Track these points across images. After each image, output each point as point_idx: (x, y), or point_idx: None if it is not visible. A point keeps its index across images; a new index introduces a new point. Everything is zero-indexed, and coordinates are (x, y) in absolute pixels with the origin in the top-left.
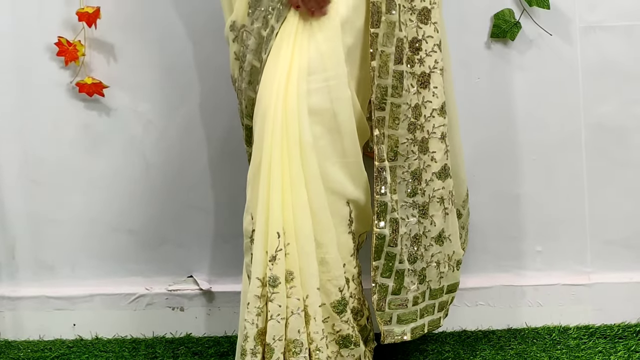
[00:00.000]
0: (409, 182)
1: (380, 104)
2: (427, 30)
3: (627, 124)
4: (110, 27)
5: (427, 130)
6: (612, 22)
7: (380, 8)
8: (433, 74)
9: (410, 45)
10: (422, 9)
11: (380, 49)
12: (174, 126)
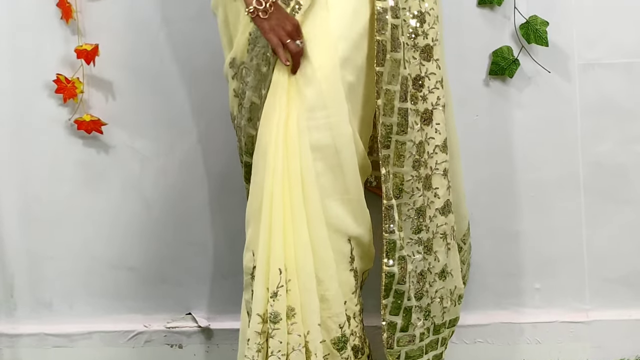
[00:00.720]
0: (414, 219)
1: (385, 142)
2: (429, 67)
3: (626, 162)
4: (108, 64)
5: (431, 167)
6: (611, 60)
7: (386, 47)
8: (435, 111)
9: (414, 83)
10: (425, 46)
11: (385, 88)
12: (173, 163)
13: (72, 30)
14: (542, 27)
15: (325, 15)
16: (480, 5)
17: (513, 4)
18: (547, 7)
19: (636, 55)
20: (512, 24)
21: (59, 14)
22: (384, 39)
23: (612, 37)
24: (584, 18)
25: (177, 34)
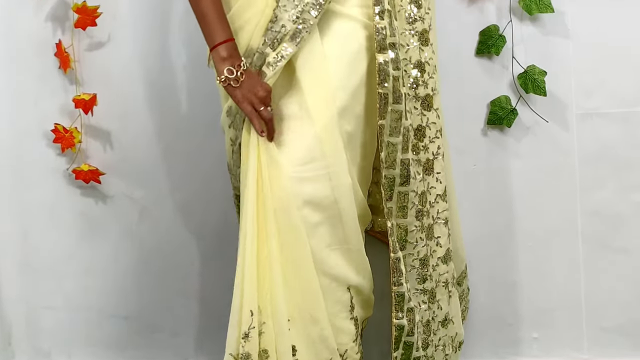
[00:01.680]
0: (418, 269)
1: (388, 194)
2: (430, 117)
3: (624, 211)
4: (107, 114)
5: (433, 216)
6: (609, 109)
7: (387, 99)
8: (436, 160)
9: (415, 133)
10: (426, 95)
11: (387, 140)
12: (170, 213)
13: (70, 79)
14: (540, 77)
15: (322, 65)
16: (478, 54)
17: (511, 53)
18: (545, 56)
19: (634, 104)
20: (510, 74)
21: (57, 63)
22: (385, 92)
23: (610, 86)
24: (581, 68)
25: (175, 84)
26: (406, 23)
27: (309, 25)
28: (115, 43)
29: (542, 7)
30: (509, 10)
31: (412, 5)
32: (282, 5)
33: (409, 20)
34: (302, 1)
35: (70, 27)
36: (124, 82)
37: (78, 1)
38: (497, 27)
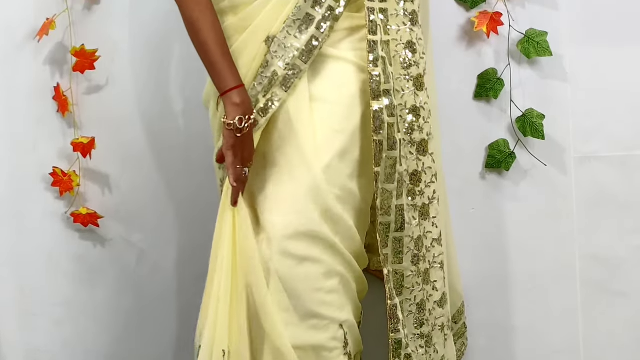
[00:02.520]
0: (415, 314)
1: (384, 241)
2: (426, 162)
3: (622, 255)
4: (105, 157)
5: (429, 261)
6: (607, 153)
7: (382, 146)
8: (432, 205)
9: (411, 178)
10: (421, 140)
11: (382, 187)
12: (169, 257)
13: (68, 123)
14: (538, 120)
15: (319, 110)
16: (476, 98)
17: (509, 97)
18: (544, 100)
19: (632, 148)
20: (509, 117)
21: (55, 107)
22: (380, 139)
23: (608, 130)
24: (580, 111)
25: (173, 127)
26: (401, 68)
27: (299, 71)
28: (113, 87)
29: (541, 51)
30: (507, 54)
31: (406, 51)
32: (273, 51)
33: (403, 66)
34: (293, 47)
35: (69, 70)
36: (123, 125)
37: (76, 45)
38: (495, 71)
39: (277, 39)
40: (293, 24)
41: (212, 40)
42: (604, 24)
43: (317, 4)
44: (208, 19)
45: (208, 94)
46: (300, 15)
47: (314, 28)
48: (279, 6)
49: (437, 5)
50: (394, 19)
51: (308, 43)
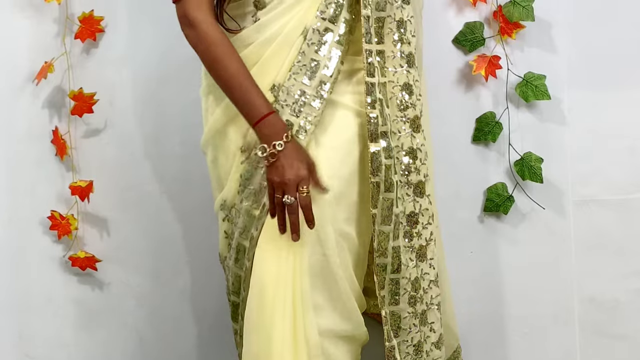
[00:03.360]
0: (412, 355)
1: (380, 283)
2: (422, 204)
3: (620, 298)
4: (103, 201)
5: (426, 302)
6: (605, 196)
7: (379, 188)
8: (428, 246)
9: (408, 220)
10: (418, 182)
11: (379, 229)
12: (167, 301)
13: (66, 166)
14: (536, 164)
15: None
16: (474, 141)
17: (508, 140)
18: (542, 144)
19: (630, 192)
20: (507, 161)
21: (53, 150)
22: (378, 181)
23: (606, 173)
24: (578, 155)
25: (171, 171)
26: (398, 110)
27: (313, 117)
28: (112, 130)
29: (539, 94)
30: (505, 97)
31: (403, 93)
32: (282, 100)
33: (400, 107)
34: (305, 94)
35: (67, 113)
36: (121, 169)
37: (75, 88)
38: (493, 114)
39: (284, 87)
40: (299, 71)
41: (234, 75)
42: (602, 67)
43: (321, 48)
44: (228, 56)
45: (206, 140)
46: (306, 61)
47: (321, 72)
48: (281, 51)
49: (435, 48)
50: (391, 60)
51: (318, 87)
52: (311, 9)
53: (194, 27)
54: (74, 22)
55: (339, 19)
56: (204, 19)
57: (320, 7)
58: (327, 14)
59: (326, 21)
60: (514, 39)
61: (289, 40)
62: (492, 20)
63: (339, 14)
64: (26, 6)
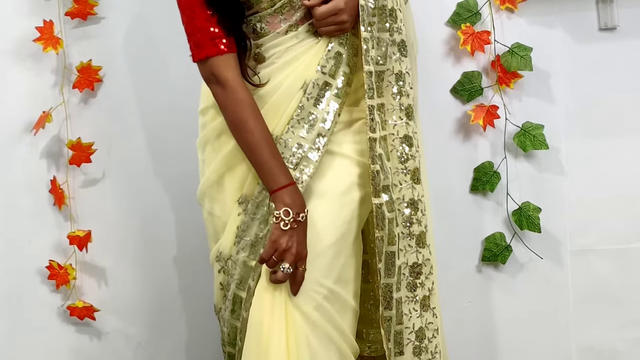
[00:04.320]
0: None
1: (387, 334)
2: (425, 254)
3: (619, 348)
4: (101, 250)
5: (431, 352)
6: (603, 246)
7: (383, 241)
8: (432, 296)
9: (411, 271)
10: (420, 233)
11: (383, 282)
12: (164, 351)
13: (64, 216)
14: (534, 214)
15: None
16: (473, 191)
17: (506, 190)
18: (540, 193)
19: (628, 241)
20: (505, 210)
21: (51, 200)
22: (382, 235)
23: (604, 223)
24: (576, 205)
25: (168, 221)
26: (398, 162)
27: (309, 169)
28: (109, 180)
29: (537, 144)
30: (503, 147)
31: (404, 145)
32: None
33: (400, 160)
34: (302, 147)
35: (65, 163)
36: (119, 219)
37: (73, 138)
38: (491, 164)
39: (282, 139)
40: (297, 124)
41: (260, 140)
42: (600, 117)
43: (319, 102)
44: (255, 119)
45: (202, 191)
46: (304, 114)
47: (319, 125)
48: (280, 104)
49: (434, 98)
50: (390, 113)
51: (316, 140)
52: (311, 64)
53: (223, 87)
54: (72, 72)
55: (338, 73)
56: (233, 78)
57: (321, 61)
58: (327, 68)
59: (326, 75)
60: (512, 88)
61: (289, 94)
62: (490, 70)
63: (339, 68)
64: (24, 56)
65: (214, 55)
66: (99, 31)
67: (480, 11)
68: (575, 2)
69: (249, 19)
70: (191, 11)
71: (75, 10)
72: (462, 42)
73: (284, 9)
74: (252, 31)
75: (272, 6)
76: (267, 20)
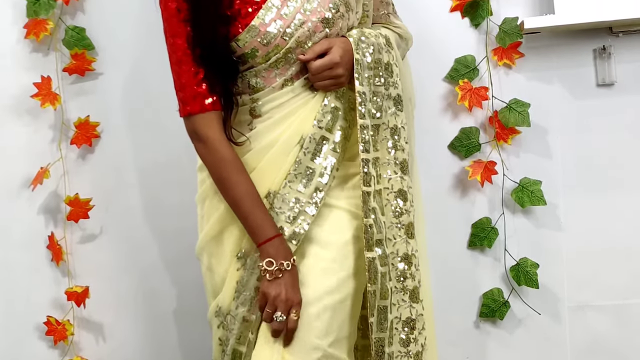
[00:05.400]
0: None
1: None
2: (418, 309)
3: None
4: (99, 306)
5: None
6: (601, 302)
7: (376, 295)
8: (424, 352)
9: (404, 326)
10: (413, 288)
11: (375, 337)
12: None
13: (62, 272)
14: (532, 270)
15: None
16: (470, 247)
17: (503, 246)
18: (538, 249)
19: (625, 297)
20: (503, 266)
21: (49, 256)
22: (374, 289)
23: (602, 279)
24: (573, 260)
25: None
26: (393, 217)
27: (307, 223)
28: (107, 236)
29: (535, 200)
30: (501, 203)
31: (398, 199)
32: (277, 208)
33: (395, 214)
34: (299, 202)
35: (63, 219)
36: (117, 274)
37: (70, 194)
38: (489, 220)
39: (279, 194)
40: (295, 179)
41: (243, 195)
42: (597, 173)
43: (317, 156)
44: (237, 175)
45: (201, 246)
46: (301, 169)
47: (317, 179)
48: (277, 160)
49: (431, 154)
50: (385, 167)
51: (313, 194)
52: (308, 119)
53: (205, 144)
54: (70, 128)
55: (335, 127)
56: (214, 136)
57: (317, 116)
58: (323, 122)
59: (323, 130)
60: (509, 144)
61: (286, 148)
62: (488, 126)
63: (336, 122)
64: (22, 112)
65: (196, 113)
66: (97, 87)
67: (478, 67)
68: (573, 58)
69: (244, 73)
70: (178, 67)
71: (73, 66)
72: (460, 98)
73: (279, 63)
74: (247, 86)
75: (267, 61)
76: (262, 75)
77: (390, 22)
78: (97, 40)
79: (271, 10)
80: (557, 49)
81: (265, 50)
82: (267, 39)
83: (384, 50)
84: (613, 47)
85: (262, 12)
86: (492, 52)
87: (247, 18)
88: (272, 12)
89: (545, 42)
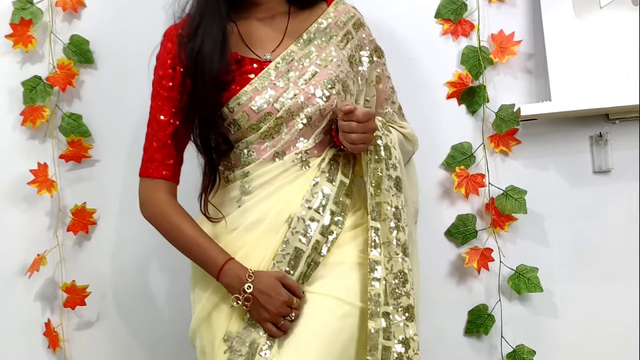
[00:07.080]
0: None
1: None
2: None
3: None
4: None
5: None
6: None
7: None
8: None
9: None
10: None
11: None
12: None
13: (59, 359)
14: (529, 357)
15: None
16: (467, 334)
17: (500, 333)
18: (534, 336)
19: None
20: (499, 353)
21: (46, 342)
22: (375, 327)
23: None
24: (570, 348)
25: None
26: (391, 298)
27: None
28: (104, 323)
29: (531, 287)
30: (497, 290)
31: (396, 281)
32: None
33: (394, 295)
34: None
35: (60, 306)
36: None
37: (67, 280)
38: (486, 307)
39: None
40: (283, 259)
41: (195, 235)
42: (594, 260)
43: (305, 236)
44: (185, 219)
45: (193, 330)
46: (289, 250)
47: (303, 263)
48: (265, 239)
49: (428, 240)
50: (387, 247)
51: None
52: (296, 197)
53: (146, 204)
54: (67, 215)
55: (325, 210)
56: (156, 196)
57: (305, 195)
58: (312, 203)
59: (311, 210)
60: (506, 231)
61: (274, 227)
62: (485, 213)
63: (326, 204)
64: (19, 199)
65: (147, 177)
66: (94, 174)
67: (474, 154)
68: (570, 145)
69: (237, 145)
70: (149, 128)
71: (70, 153)
72: (457, 185)
73: (271, 133)
74: (239, 158)
75: (258, 130)
76: (254, 146)
77: (395, 121)
78: (94, 127)
79: (266, 79)
80: (553, 136)
81: (256, 118)
82: (257, 105)
83: (381, 133)
84: (609, 133)
85: (256, 81)
86: (488, 139)
87: (240, 85)
88: (266, 81)
89: (542, 129)
